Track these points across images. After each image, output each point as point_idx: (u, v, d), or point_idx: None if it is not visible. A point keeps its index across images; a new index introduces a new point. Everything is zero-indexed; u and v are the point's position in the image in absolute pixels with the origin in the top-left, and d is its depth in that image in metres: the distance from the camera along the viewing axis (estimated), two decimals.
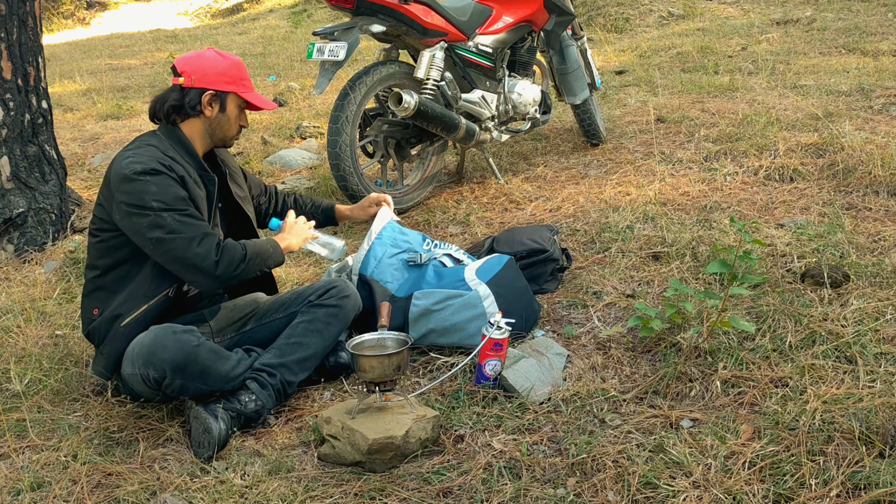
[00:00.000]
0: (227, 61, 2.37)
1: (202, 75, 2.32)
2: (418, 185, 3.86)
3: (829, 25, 7.34)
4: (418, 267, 2.65)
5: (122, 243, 2.25)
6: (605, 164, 4.15)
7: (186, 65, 2.33)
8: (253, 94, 2.40)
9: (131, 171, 2.18)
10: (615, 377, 2.30)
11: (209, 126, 2.37)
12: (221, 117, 2.37)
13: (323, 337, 2.37)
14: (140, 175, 2.17)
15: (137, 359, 2.14)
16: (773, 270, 2.77)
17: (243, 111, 2.42)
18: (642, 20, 8.91)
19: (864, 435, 1.86)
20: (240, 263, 2.25)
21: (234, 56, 2.41)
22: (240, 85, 2.37)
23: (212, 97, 2.33)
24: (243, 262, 2.26)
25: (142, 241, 2.19)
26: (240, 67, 2.38)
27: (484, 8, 3.88)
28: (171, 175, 2.20)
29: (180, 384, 2.14)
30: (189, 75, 2.32)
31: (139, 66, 10.11)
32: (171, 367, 2.11)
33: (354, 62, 7.81)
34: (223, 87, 2.34)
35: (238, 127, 2.43)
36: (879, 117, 4.40)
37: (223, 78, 2.34)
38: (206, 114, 2.34)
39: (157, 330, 2.17)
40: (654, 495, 1.77)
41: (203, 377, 2.15)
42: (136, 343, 2.16)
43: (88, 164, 5.35)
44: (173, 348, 2.11)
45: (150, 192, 2.16)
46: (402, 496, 1.86)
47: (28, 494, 1.97)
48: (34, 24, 3.80)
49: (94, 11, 18.17)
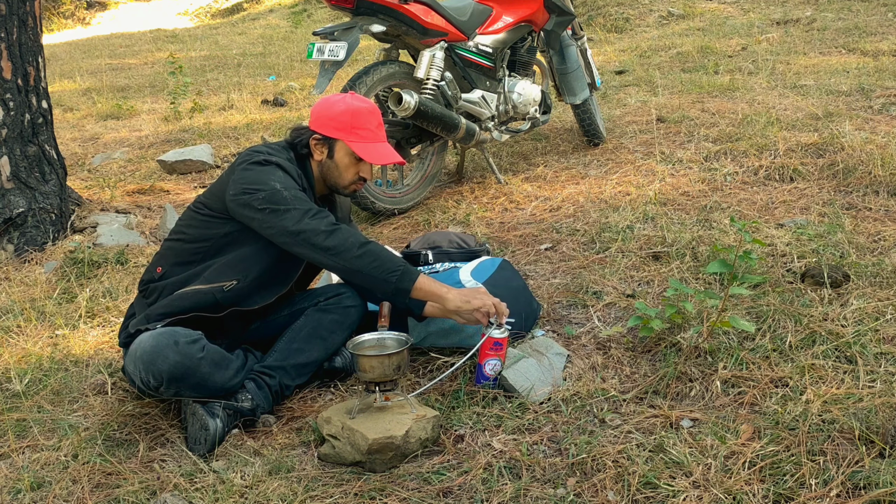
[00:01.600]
0: (345, 107, 2.34)
1: (317, 117, 2.36)
2: (418, 185, 3.86)
3: (829, 25, 7.35)
4: None
5: (221, 224, 2.28)
6: (605, 164, 4.15)
7: (316, 105, 2.39)
8: (362, 146, 2.34)
9: (263, 158, 2.25)
10: (615, 377, 2.30)
11: (321, 169, 2.39)
12: (330, 163, 2.37)
13: (325, 345, 2.37)
14: (269, 164, 2.24)
15: (138, 362, 2.12)
16: (773, 270, 2.77)
17: (361, 161, 2.37)
18: (642, 20, 8.92)
19: (864, 435, 1.86)
20: (354, 248, 2.14)
21: (367, 103, 2.38)
22: (350, 133, 2.33)
23: (318, 141, 2.35)
24: (358, 248, 2.14)
25: (251, 214, 2.19)
26: (357, 115, 2.34)
27: (484, 8, 3.89)
28: (293, 178, 2.25)
29: (175, 391, 2.13)
30: (312, 115, 2.38)
31: (139, 66, 10.11)
32: (168, 377, 2.09)
33: (354, 62, 7.81)
34: (331, 133, 2.34)
35: (354, 176, 2.39)
36: (879, 117, 4.40)
37: (333, 123, 2.34)
38: (315, 156, 2.38)
39: (160, 337, 2.11)
40: (654, 495, 1.77)
41: (199, 387, 2.14)
42: (139, 346, 2.12)
43: (88, 164, 5.35)
44: (173, 360, 2.08)
45: (274, 176, 2.21)
46: (402, 496, 1.86)
47: (28, 494, 1.97)
48: (34, 24, 3.80)
49: (94, 11, 18.18)
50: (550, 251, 3.20)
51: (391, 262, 2.15)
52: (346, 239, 2.15)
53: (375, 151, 2.36)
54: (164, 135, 6.00)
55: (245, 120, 6.16)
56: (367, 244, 2.17)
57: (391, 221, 3.71)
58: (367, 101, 2.41)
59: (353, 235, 2.17)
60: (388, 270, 2.14)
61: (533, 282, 2.94)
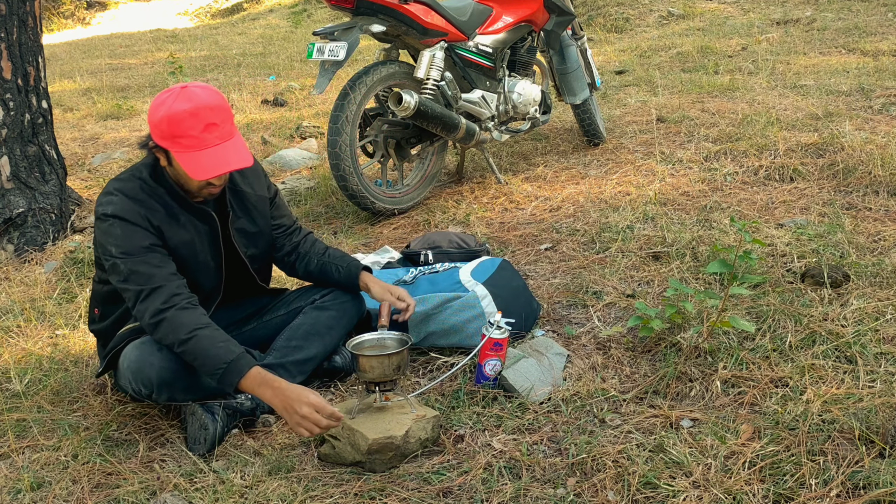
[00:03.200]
0: (164, 112, 2.01)
1: (150, 119, 2.07)
2: (418, 185, 3.86)
3: (829, 25, 7.34)
4: (407, 284, 2.63)
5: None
6: (605, 164, 4.15)
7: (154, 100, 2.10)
8: (186, 157, 2.03)
9: (101, 211, 2.10)
10: (615, 377, 2.30)
11: (172, 172, 2.16)
12: (174, 170, 2.14)
13: (324, 342, 2.37)
14: (106, 219, 2.08)
15: (127, 373, 2.13)
16: (773, 270, 2.77)
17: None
18: (642, 20, 8.92)
19: (864, 435, 1.86)
20: (176, 344, 2.01)
21: (189, 102, 2.01)
22: (172, 142, 2.04)
23: (155, 147, 2.10)
24: (179, 345, 2.00)
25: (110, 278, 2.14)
26: (175, 122, 2.00)
27: (484, 8, 3.89)
28: (136, 224, 2.06)
29: (168, 395, 2.13)
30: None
31: (139, 66, 10.11)
32: (157, 383, 2.09)
33: (354, 62, 7.81)
34: (158, 141, 2.07)
35: (201, 183, 2.12)
36: (879, 117, 4.40)
37: (156, 131, 2.06)
38: (161, 163, 2.14)
39: (143, 346, 2.11)
40: (654, 495, 1.77)
41: (192, 390, 2.14)
42: (125, 358, 2.13)
43: (88, 164, 5.35)
44: (159, 366, 2.07)
45: (113, 234, 2.07)
46: (402, 496, 1.86)
47: (28, 494, 1.97)
48: (34, 24, 3.80)
49: (94, 11, 18.17)
50: (550, 251, 3.20)
51: (215, 360, 1.98)
52: (167, 334, 2.01)
53: (199, 163, 2.03)
54: None
55: (245, 120, 6.16)
56: (188, 340, 1.98)
57: (391, 221, 3.71)
58: (193, 99, 2.02)
59: (179, 327, 1.99)
60: (212, 368, 1.98)
61: (533, 282, 2.94)
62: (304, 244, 2.48)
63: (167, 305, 2.03)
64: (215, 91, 2.09)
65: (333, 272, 2.44)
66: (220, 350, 1.99)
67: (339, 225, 3.76)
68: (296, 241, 2.48)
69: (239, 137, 2.12)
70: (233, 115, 2.13)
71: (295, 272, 2.50)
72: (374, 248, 3.39)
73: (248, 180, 2.35)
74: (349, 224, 3.73)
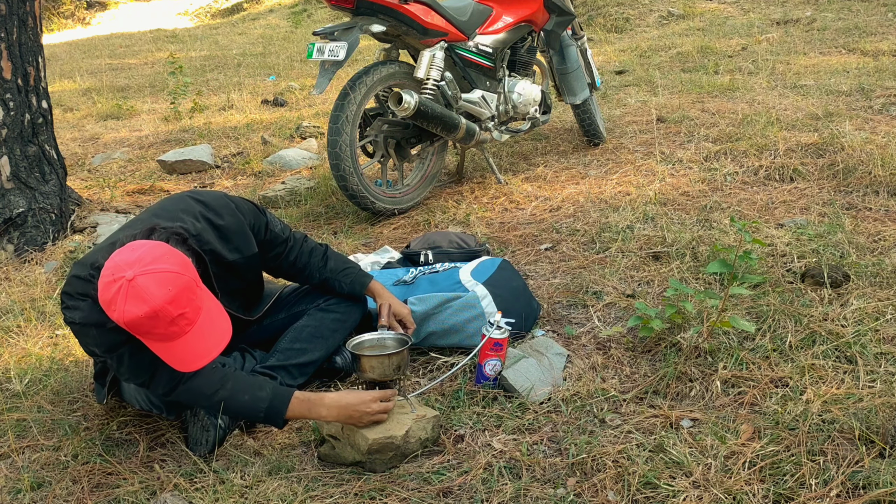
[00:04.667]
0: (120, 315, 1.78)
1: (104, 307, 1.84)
2: (418, 185, 3.86)
3: (829, 25, 7.35)
4: (407, 285, 2.63)
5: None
6: (605, 164, 4.15)
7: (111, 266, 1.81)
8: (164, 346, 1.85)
9: (68, 317, 1.97)
10: (615, 377, 2.30)
11: None
12: None
13: (327, 344, 2.37)
14: (76, 324, 1.97)
15: (135, 392, 2.17)
16: (773, 270, 2.77)
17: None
18: (642, 20, 8.92)
19: (864, 435, 1.86)
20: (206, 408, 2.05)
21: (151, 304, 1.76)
22: (141, 338, 1.86)
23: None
24: (210, 409, 2.04)
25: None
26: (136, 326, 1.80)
27: (484, 8, 3.89)
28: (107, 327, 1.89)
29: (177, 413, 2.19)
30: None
31: (139, 66, 10.11)
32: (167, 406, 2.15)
33: (354, 62, 7.81)
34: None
35: None
36: (879, 117, 4.40)
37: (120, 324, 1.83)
38: None
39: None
40: (654, 495, 1.77)
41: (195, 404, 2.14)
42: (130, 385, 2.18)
43: (88, 164, 5.35)
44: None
45: (90, 336, 1.97)
46: (402, 496, 1.86)
47: (28, 494, 1.97)
48: (34, 24, 3.80)
49: (94, 11, 18.18)
50: (550, 251, 3.20)
51: (251, 410, 1.99)
52: (190, 404, 2.07)
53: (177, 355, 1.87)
54: (164, 135, 6.01)
55: (245, 120, 6.16)
56: (216, 404, 1.97)
57: (391, 221, 3.71)
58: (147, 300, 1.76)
59: (198, 397, 1.98)
60: (254, 417, 2.03)
61: (533, 282, 2.94)
62: (300, 259, 2.36)
63: (172, 386, 1.98)
64: (167, 274, 1.80)
65: (337, 288, 2.40)
66: (248, 400, 1.98)
67: (339, 225, 3.76)
68: (291, 260, 2.35)
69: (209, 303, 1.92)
70: (194, 283, 1.85)
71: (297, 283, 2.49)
72: (374, 248, 3.40)
73: (234, 244, 2.15)
74: (349, 224, 3.73)
